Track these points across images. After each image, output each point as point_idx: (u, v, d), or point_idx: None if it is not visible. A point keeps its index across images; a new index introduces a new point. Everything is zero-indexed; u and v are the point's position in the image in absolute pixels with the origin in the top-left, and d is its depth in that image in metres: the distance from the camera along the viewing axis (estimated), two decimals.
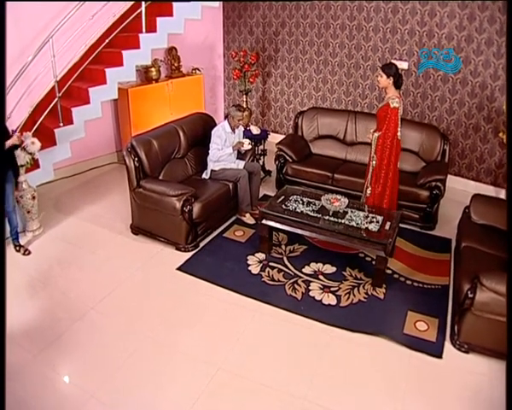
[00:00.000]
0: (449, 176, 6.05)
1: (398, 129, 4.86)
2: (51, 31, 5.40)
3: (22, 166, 4.96)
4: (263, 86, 8.29)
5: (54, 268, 4.71)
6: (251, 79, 7.32)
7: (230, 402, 3.24)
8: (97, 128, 6.82)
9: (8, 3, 4.96)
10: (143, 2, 5.95)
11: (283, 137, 7.02)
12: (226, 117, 5.62)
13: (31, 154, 4.95)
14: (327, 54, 7.46)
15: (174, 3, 6.25)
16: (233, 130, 5.56)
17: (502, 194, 6.26)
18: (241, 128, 5.83)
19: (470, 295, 3.51)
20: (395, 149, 4.92)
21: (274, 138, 7.24)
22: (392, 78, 4.78)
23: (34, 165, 5.26)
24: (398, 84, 4.86)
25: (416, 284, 4.51)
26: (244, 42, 8.24)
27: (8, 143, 4.51)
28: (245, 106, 7.50)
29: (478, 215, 4.69)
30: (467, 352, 3.67)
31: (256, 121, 8.39)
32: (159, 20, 6.20)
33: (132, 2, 6.46)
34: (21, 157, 4.87)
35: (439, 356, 3.64)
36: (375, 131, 5.05)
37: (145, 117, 7.04)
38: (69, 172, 6.67)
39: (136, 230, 5.30)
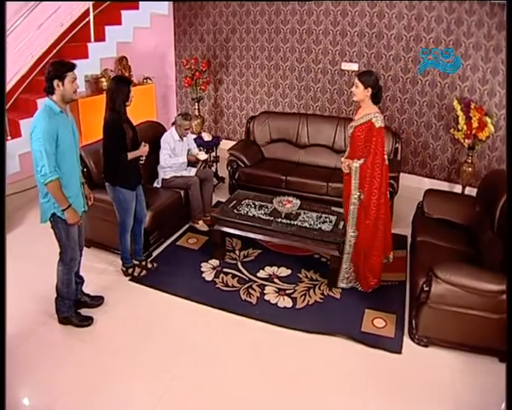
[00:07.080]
0: (403, 174, 6.10)
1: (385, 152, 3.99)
2: None
3: None
4: (215, 93, 8.19)
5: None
6: (202, 87, 7.29)
7: None
8: None
9: None
10: (91, 12, 5.87)
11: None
12: (173, 124, 5.52)
13: None
14: (278, 58, 7.44)
15: (123, 12, 6.18)
16: (181, 138, 5.46)
17: (455, 189, 6.38)
18: (191, 136, 5.74)
19: (426, 289, 3.50)
20: (385, 177, 4.01)
21: (227, 145, 7.09)
22: (370, 89, 3.85)
23: None
24: (377, 98, 3.95)
25: None
26: (195, 50, 8.13)
27: (135, 153, 4.34)
28: (197, 114, 7.42)
29: (431, 210, 4.73)
30: (426, 346, 3.66)
31: (209, 129, 8.27)
32: (107, 28, 6.14)
33: (82, 12, 6.31)
34: None
35: (399, 352, 3.61)
36: (348, 158, 4.12)
37: (96, 128, 6.78)
38: (20, 187, 6.33)
39: (88, 242, 5.06)
